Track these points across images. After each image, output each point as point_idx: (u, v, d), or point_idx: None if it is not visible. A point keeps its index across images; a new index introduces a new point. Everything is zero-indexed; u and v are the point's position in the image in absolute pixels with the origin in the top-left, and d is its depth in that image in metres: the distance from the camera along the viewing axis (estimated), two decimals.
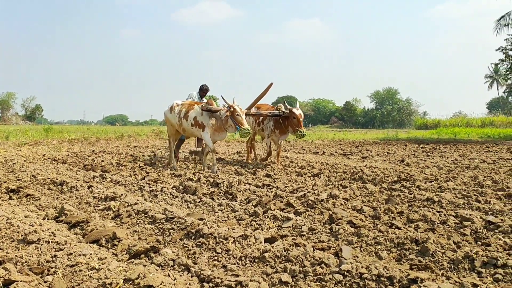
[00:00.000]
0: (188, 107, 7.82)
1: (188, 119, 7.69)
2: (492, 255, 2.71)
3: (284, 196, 4.97)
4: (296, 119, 7.85)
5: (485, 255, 2.73)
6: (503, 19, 23.60)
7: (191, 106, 7.80)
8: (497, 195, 5.00)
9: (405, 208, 4.32)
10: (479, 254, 2.75)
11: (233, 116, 7.16)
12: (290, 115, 7.95)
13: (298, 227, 3.68)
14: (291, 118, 7.94)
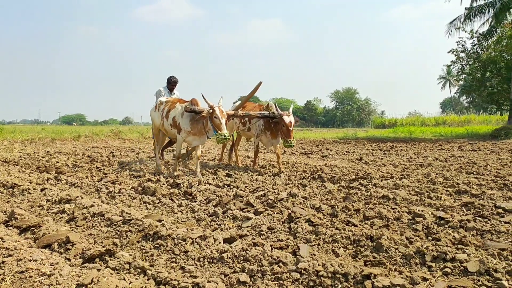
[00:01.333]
0: (171, 106, 7.19)
1: (168, 119, 7.08)
2: (441, 250, 2.83)
3: (244, 195, 4.98)
4: (285, 127, 7.03)
5: (435, 250, 2.85)
6: (454, 22, 24.67)
7: (173, 105, 7.15)
8: (447, 192, 5.22)
9: (362, 206, 4.43)
10: (429, 249, 2.87)
11: (211, 119, 6.39)
12: (280, 121, 7.11)
13: (257, 226, 3.70)
14: (281, 125, 7.10)
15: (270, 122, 7.40)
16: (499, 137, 19.54)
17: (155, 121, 7.56)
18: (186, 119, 6.72)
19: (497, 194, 4.94)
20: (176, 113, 6.92)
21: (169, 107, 7.17)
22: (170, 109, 7.11)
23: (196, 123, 6.65)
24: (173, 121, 6.95)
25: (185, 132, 6.76)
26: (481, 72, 22.80)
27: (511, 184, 5.68)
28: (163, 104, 7.40)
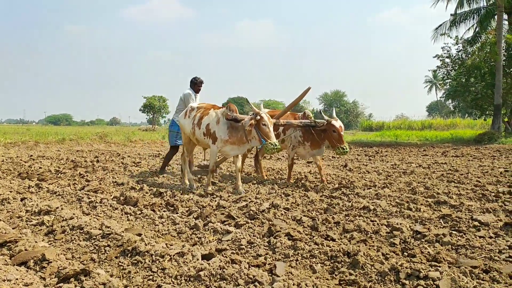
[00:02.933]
0: (203, 112, 6.45)
1: (201, 127, 6.31)
2: (415, 267, 2.88)
3: (227, 206, 4.99)
4: (336, 133, 6.45)
5: (409, 267, 2.89)
6: (440, 28, 25.01)
7: (207, 111, 6.42)
8: (427, 202, 5.30)
9: (342, 218, 4.47)
10: (403, 266, 2.91)
11: (258, 127, 5.68)
12: (329, 128, 6.52)
13: (237, 240, 3.71)
14: (330, 131, 6.52)
15: (310, 132, 6.85)
16: (482, 142, 19.85)
17: (185, 129, 6.78)
18: (223, 126, 6.01)
19: (475, 206, 5.02)
20: (211, 120, 6.19)
21: (202, 113, 6.45)
22: (203, 115, 6.39)
23: (235, 131, 5.97)
24: (206, 129, 6.21)
25: (222, 141, 6.00)
26: (465, 77, 23.11)
27: (489, 194, 5.78)
28: (195, 111, 6.67)
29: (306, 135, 6.91)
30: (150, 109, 50.00)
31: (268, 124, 5.67)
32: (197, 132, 6.41)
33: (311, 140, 6.89)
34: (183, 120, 6.82)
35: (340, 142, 6.43)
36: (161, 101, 50.87)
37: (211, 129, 6.14)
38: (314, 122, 6.66)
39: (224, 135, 5.99)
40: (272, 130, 5.69)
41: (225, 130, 5.99)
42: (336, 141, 6.46)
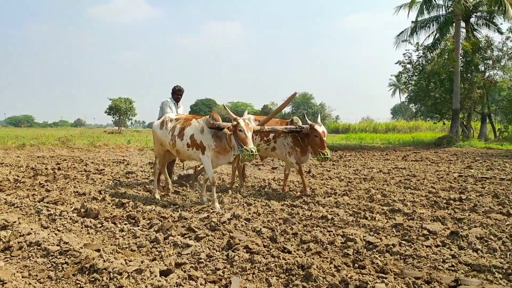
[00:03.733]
0: (184, 123, 6.21)
1: (184, 138, 6.06)
2: (364, 279, 3.05)
3: (189, 217, 5.05)
4: (318, 138, 6.35)
5: (358, 279, 3.06)
6: (401, 35, 25.86)
7: (188, 121, 6.19)
8: (382, 210, 5.53)
9: (301, 228, 4.62)
10: (353, 278, 3.07)
11: (235, 133, 5.52)
12: (311, 133, 6.43)
13: (196, 254, 3.78)
14: (313, 136, 6.42)
15: (297, 137, 6.76)
16: (441, 145, 20.68)
17: (161, 139, 6.50)
18: (208, 135, 5.87)
19: (426, 213, 5.29)
20: (195, 131, 5.98)
21: (183, 124, 6.20)
22: (184, 126, 6.15)
23: (219, 139, 5.85)
24: (191, 140, 5.97)
25: (211, 150, 5.85)
26: (425, 83, 23.98)
27: (441, 202, 6.09)
28: (173, 121, 6.39)
29: (295, 141, 6.84)
30: (116, 111, 49.10)
31: (245, 130, 5.46)
32: (178, 143, 6.14)
33: (300, 146, 6.82)
34: (160, 131, 6.52)
35: (322, 147, 6.32)
36: (128, 103, 50.08)
37: (197, 139, 5.93)
38: (300, 128, 6.55)
39: (211, 143, 5.84)
40: (249, 136, 5.47)
41: (210, 138, 5.85)
42: (318, 146, 6.36)
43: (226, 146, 5.83)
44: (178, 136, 6.16)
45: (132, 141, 21.29)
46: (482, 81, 23.01)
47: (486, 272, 3.29)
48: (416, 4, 23.73)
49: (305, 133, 6.56)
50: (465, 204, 5.93)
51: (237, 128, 5.51)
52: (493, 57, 23.75)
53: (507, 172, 10.02)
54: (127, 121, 58.42)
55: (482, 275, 3.25)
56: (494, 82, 23.51)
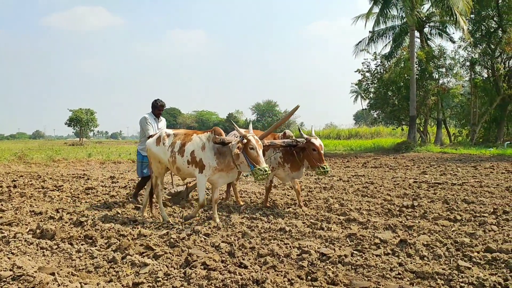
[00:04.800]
0: (185, 138, 5.81)
1: (184, 155, 5.67)
2: None
3: (148, 234, 5.05)
4: (316, 151, 6.11)
5: None
6: (360, 44, 26.73)
7: (188, 137, 5.81)
8: (339, 220, 5.73)
9: (259, 242, 4.72)
10: None
11: (245, 151, 5.22)
12: (308, 146, 6.17)
13: (154, 273, 3.81)
14: (310, 150, 6.17)
15: (290, 153, 6.48)
16: (400, 151, 21.45)
17: (159, 156, 6.02)
18: (210, 152, 5.50)
19: (379, 222, 5.52)
20: (195, 147, 5.62)
21: (184, 140, 5.80)
22: (185, 142, 5.75)
23: (223, 156, 5.49)
24: (191, 156, 5.61)
25: (211, 168, 5.49)
26: (384, 90, 24.84)
27: (394, 209, 6.37)
28: (171, 137, 5.96)
29: (286, 156, 6.53)
30: (76, 122, 47.87)
31: (256, 148, 5.18)
32: (179, 160, 5.73)
33: (291, 161, 6.51)
34: (156, 148, 6.03)
35: (320, 161, 6.08)
36: (89, 114, 48.95)
37: (196, 156, 5.57)
38: (295, 142, 6.29)
39: (212, 161, 5.47)
40: (261, 154, 5.21)
41: (212, 156, 5.49)
42: (316, 161, 6.10)
43: (230, 163, 5.47)
44: (178, 152, 5.76)
45: (93, 154, 20.84)
46: (436, 88, 24.09)
47: (429, 279, 3.50)
48: (373, 14, 24.61)
49: (300, 147, 6.29)
50: (417, 211, 6.22)
51: (248, 145, 5.18)
52: (446, 65, 24.93)
53: (458, 177, 10.54)
54: (89, 132, 57.05)
55: (425, 282, 3.46)
56: (448, 89, 24.66)
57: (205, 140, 5.62)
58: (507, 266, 3.72)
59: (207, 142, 5.58)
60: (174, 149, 5.80)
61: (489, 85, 25.08)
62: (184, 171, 5.79)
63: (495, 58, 24.41)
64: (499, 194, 7.60)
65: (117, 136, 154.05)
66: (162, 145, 5.97)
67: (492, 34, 24.45)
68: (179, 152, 5.75)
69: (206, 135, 5.67)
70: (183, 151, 5.70)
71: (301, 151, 6.35)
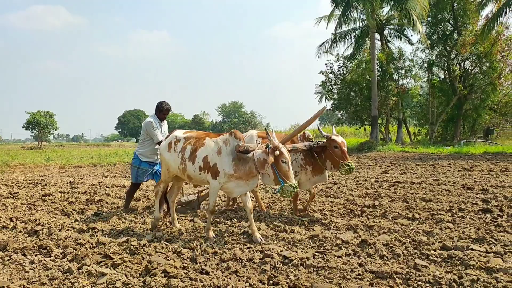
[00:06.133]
0: (197, 142, 5.25)
1: (196, 161, 5.11)
2: None
3: (107, 242, 4.89)
4: (339, 148, 5.67)
5: None
6: (323, 45, 27.14)
7: (201, 140, 5.24)
8: (302, 222, 5.75)
9: (221, 246, 4.67)
10: None
11: (276, 163, 4.59)
12: (330, 144, 5.72)
13: (112, 282, 3.69)
14: (332, 148, 5.71)
15: (311, 154, 6.00)
16: (363, 150, 21.91)
17: (169, 163, 5.49)
18: (227, 158, 4.89)
19: (342, 222, 5.59)
20: (209, 151, 5.04)
21: (195, 144, 5.25)
22: (197, 147, 5.20)
23: (242, 163, 4.86)
24: (204, 162, 5.04)
25: (226, 176, 4.87)
26: (347, 91, 25.34)
27: (356, 209, 6.47)
28: (182, 142, 5.42)
29: (307, 158, 5.97)
30: (35, 125, 46.11)
31: (288, 162, 4.62)
32: (189, 168, 5.18)
33: (313, 164, 6.01)
34: (167, 154, 5.51)
35: (344, 158, 5.64)
36: (48, 117, 47.27)
37: (210, 161, 4.99)
38: (316, 143, 5.86)
39: (229, 168, 4.87)
40: (291, 169, 4.66)
41: (229, 162, 4.88)
42: (340, 158, 5.65)
43: (252, 171, 4.80)
44: (189, 158, 5.19)
45: (52, 158, 20.10)
46: (396, 89, 24.78)
47: (388, 278, 3.56)
48: (335, 17, 25.03)
49: (320, 146, 5.85)
50: (378, 211, 6.34)
51: (280, 158, 4.57)
52: (405, 66, 25.70)
53: (418, 175, 10.86)
54: (49, 135, 55.12)
55: (384, 281, 3.52)
56: (407, 89, 25.43)
57: (221, 144, 5.01)
58: (462, 263, 3.84)
59: (224, 146, 4.97)
60: (185, 155, 5.26)
61: (445, 86, 26.07)
62: (196, 179, 5.24)
63: (451, 59, 25.39)
64: (455, 192, 7.88)
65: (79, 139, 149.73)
66: (173, 151, 5.44)
67: (448, 36, 25.41)
68: (190, 159, 5.19)
69: (223, 138, 5.07)
70: (194, 157, 5.14)
71: (322, 151, 5.89)
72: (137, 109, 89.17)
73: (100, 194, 8.85)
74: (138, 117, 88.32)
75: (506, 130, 29.11)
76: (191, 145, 5.26)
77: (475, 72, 25.33)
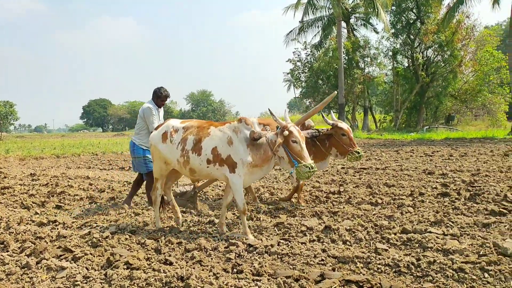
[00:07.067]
0: (200, 132, 4.76)
1: (202, 152, 4.62)
2: (239, 284, 3.18)
3: (68, 235, 4.76)
4: (346, 136, 5.57)
5: (234, 285, 3.17)
6: (290, 34, 27.19)
7: (205, 130, 4.76)
8: (268, 209, 5.79)
9: (186, 236, 4.64)
10: (229, 285, 3.18)
11: (287, 144, 4.33)
12: (337, 132, 5.61)
13: (72, 276, 3.59)
14: (339, 136, 5.60)
15: (312, 143, 5.75)
16: None
17: (165, 156, 4.93)
18: (240, 146, 4.49)
19: (307, 209, 5.66)
20: (218, 142, 4.59)
21: (198, 134, 4.75)
22: (200, 137, 4.70)
23: (257, 148, 4.50)
24: (214, 154, 4.57)
25: (245, 165, 4.45)
26: (314, 79, 25.57)
27: (321, 196, 6.57)
28: (181, 132, 4.89)
29: (307, 146, 5.36)
30: None
31: (300, 141, 4.32)
32: (194, 160, 4.67)
33: (313, 152, 5.76)
34: (162, 146, 4.94)
35: (353, 146, 5.56)
36: (8, 107, 45.44)
37: (222, 153, 4.54)
38: (318, 132, 5.71)
39: (246, 156, 4.46)
40: (305, 148, 4.35)
41: (245, 150, 4.48)
42: (348, 146, 5.55)
43: (268, 154, 4.49)
44: (192, 150, 4.69)
45: (12, 150, 19.35)
46: (362, 77, 25.23)
47: (350, 263, 3.63)
48: (302, 5, 25.11)
49: (326, 134, 5.70)
50: (342, 197, 6.46)
51: (290, 138, 4.31)
52: (370, 55, 26.15)
53: (382, 161, 11.13)
54: (9, 125, 53.08)
55: (346, 266, 3.59)
56: (373, 77, 25.93)
57: (230, 133, 4.61)
58: (421, 246, 3.97)
59: (235, 135, 4.57)
60: (186, 147, 4.74)
61: (409, 74, 26.73)
62: (202, 172, 4.75)
63: (414, 48, 26.02)
64: (417, 177, 8.12)
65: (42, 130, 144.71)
66: (169, 142, 4.90)
67: (412, 25, 25.99)
68: (193, 150, 4.68)
69: (231, 127, 4.66)
70: (200, 148, 4.65)
71: (327, 139, 5.76)
72: (102, 98, 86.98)
73: (63, 186, 8.60)
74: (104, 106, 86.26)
75: (466, 116, 30.22)
76: (193, 135, 4.77)
77: (437, 60, 26.07)
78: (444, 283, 3.16)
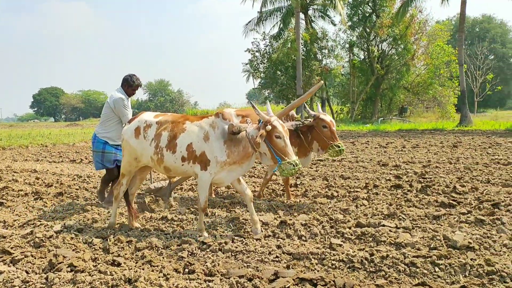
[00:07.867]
0: (175, 127, 4.42)
1: (177, 150, 4.31)
2: (191, 285, 3.05)
3: (8, 235, 4.43)
4: (328, 128, 5.23)
5: (184, 287, 3.04)
6: (249, 24, 26.99)
7: (180, 125, 4.42)
8: (224, 204, 5.68)
9: (137, 234, 4.44)
10: (179, 287, 3.05)
11: (269, 140, 4.02)
12: (318, 123, 5.27)
13: (10, 281, 3.33)
14: (320, 128, 5.26)
15: (295, 135, 5.42)
16: None
17: (138, 154, 4.57)
18: (217, 143, 4.21)
19: (263, 203, 5.59)
20: (193, 138, 4.28)
21: (172, 130, 4.41)
22: (175, 133, 4.37)
23: (235, 145, 4.21)
24: (188, 151, 4.27)
25: (219, 164, 4.19)
26: (273, 70, 25.59)
27: (278, 190, 6.52)
28: (154, 126, 4.53)
29: (292, 139, 5.10)
30: None
31: (284, 136, 4.03)
32: (168, 158, 4.36)
33: (298, 145, 5.52)
34: (134, 141, 4.57)
35: (334, 139, 5.20)
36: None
37: (196, 150, 4.24)
38: (302, 123, 5.39)
39: (221, 154, 4.19)
40: (289, 144, 4.06)
41: (221, 147, 4.20)
42: (329, 139, 5.21)
43: (247, 150, 4.22)
44: (167, 147, 4.37)
45: None
46: (319, 68, 25.50)
47: (304, 259, 3.59)
48: None
49: (307, 126, 5.38)
50: (299, 190, 6.45)
51: (273, 133, 4.00)
52: (328, 46, 26.46)
53: None
54: None
55: (301, 262, 3.54)
56: (330, 69, 26.29)
57: (207, 128, 4.30)
58: (374, 240, 3.99)
59: (212, 130, 4.28)
60: (160, 144, 4.41)
61: (365, 66, 27.31)
62: (177, 170, 4.45)
63: (370, 41, 26.56)
64: (371, 169, 8.27)
65: None
66: (142, 138, 4.54)
67: (368, 18, 26.49)
68: (168, 148, 4.37)
69: (208, 121, 4.35)
70: (175, 145, 4.34)
71: (309, 132, 5.43)
72: (54, 87, 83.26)
73: (6, 180, 8.10)
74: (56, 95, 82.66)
75: (418, 108, 31.32)
76: (167, 131, 4.43)
77: (391, 53, 26.77)
78: (396, 278, 3.18)
